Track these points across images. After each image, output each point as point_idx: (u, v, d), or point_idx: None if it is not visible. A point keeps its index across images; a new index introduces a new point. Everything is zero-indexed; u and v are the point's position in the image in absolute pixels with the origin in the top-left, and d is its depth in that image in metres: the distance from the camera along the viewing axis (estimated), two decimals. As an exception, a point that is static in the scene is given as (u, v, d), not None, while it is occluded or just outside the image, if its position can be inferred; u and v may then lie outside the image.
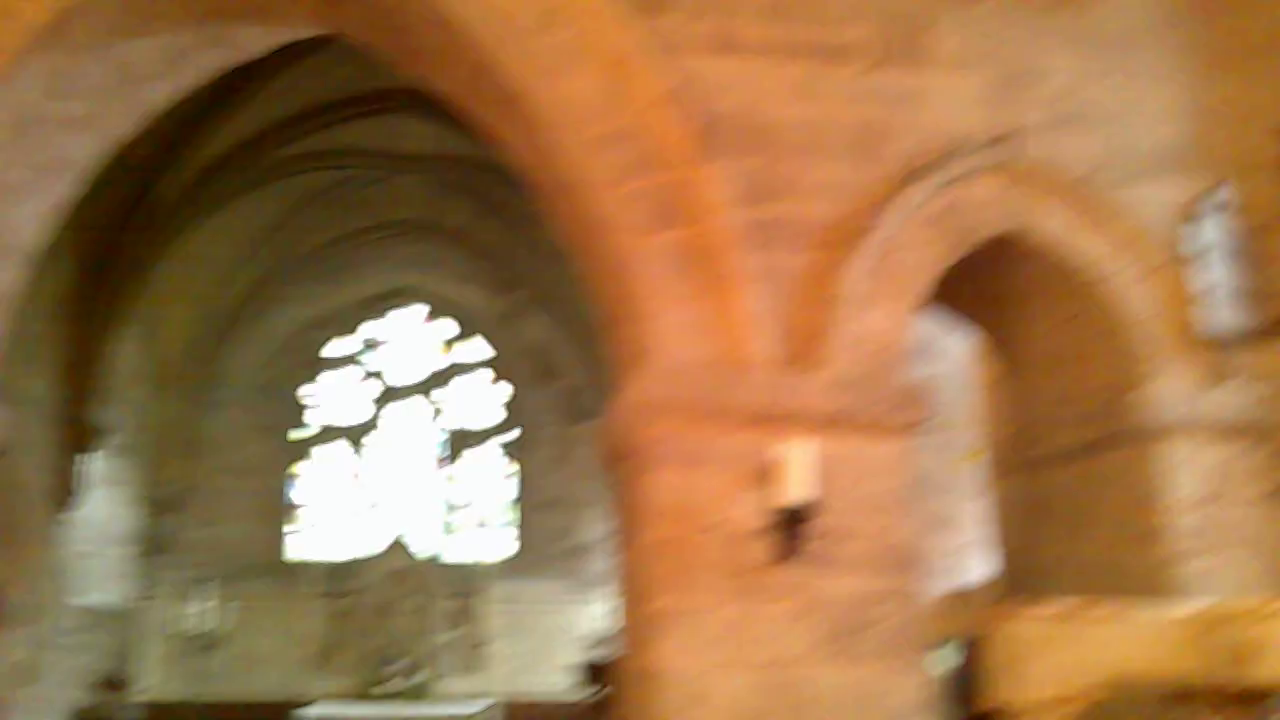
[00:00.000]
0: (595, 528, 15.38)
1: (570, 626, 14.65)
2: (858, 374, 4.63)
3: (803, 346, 4.64)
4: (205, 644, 13.13)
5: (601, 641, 13.76)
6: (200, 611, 13.34)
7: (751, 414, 4.55)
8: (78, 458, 11.51)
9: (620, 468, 5.30)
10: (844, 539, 4.58)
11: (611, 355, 5.32)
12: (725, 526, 4.56)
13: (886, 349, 4.68)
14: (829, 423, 4.57)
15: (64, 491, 11.33)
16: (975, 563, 9.33)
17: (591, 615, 14.04)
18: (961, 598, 8.31)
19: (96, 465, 13.39)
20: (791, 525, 4.47)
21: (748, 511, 4.55)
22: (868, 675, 4.56)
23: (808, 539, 4.50)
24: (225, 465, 15.13)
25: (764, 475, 4.51)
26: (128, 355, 13.37)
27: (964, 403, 8.58)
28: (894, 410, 4.65)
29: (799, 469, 4.40)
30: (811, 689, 4.52)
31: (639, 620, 4.82)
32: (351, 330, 16.25)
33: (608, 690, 9.41)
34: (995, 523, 6.79)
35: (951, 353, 8.71)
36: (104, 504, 13.60)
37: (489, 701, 13.63)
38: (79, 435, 11.47)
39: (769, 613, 4.53)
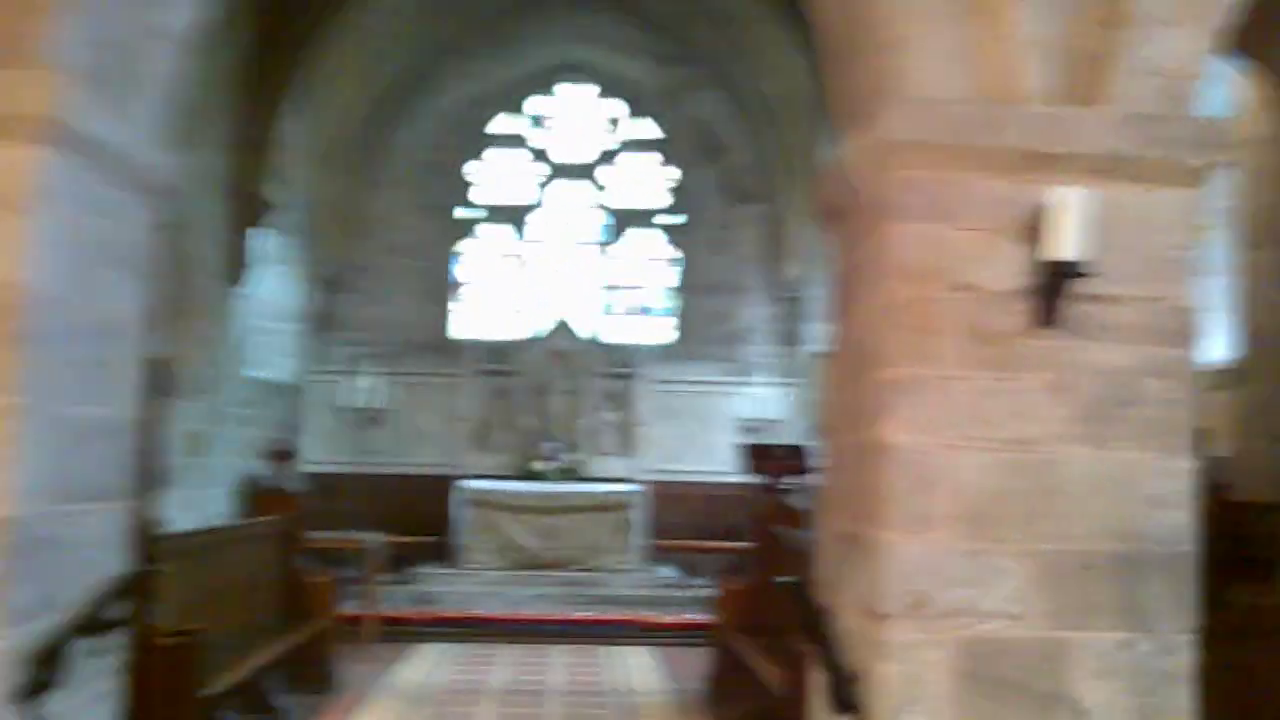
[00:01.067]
0: (754, 313, 14.88)
1: (726, 412, 14.37)
2: (1148, 109, 3.86)
3: (1084, 76, 3.87)
4: (369, 418, 13.20)
5: (759, 427, 13.43)
6: (365, 387, 13.39)
7: (1019, 156, 3.82)
8: (248, 233, 11.35)
9: (849, 221, 4.64)
10: (1116, 303, 3.91)
11: (844, 91, 4.57)
12: (978, 286, 3.91)
13: (1183, 80, 3.89)
14: (1109, 167, 3.83)
15: (235, 266, 11.22)
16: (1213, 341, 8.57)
17: (749, 401, 13.69)
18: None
19: (266, 242, 13.34)
20: (1056, 286, 3.82)
21: (1006, 270, 3.88)
22: (1129, 459, 3.95)
23: (1074, 302, 3.85)
24: (391, 244, 14.92)
25: (1028, 228, 3.82)
26: (296, 134, 13.03)
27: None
28: (1187, 152, 3.88)
29: (1071, 220, 3.71)
30: (1063, 471, 3.93)
31: (863, 392, 4.26)
32: (518, 107, 15.64)
33: (767, 476, 9.04)
34: (1243, 298, 5.98)
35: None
36: (274, 281, 13.56)
37: (638, 485, 13.52)
38: (249, 211, 11.28)
39: (1021, 385, 3.92)
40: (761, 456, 9.10)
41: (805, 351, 14.27)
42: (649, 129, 15.54)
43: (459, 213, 15.41)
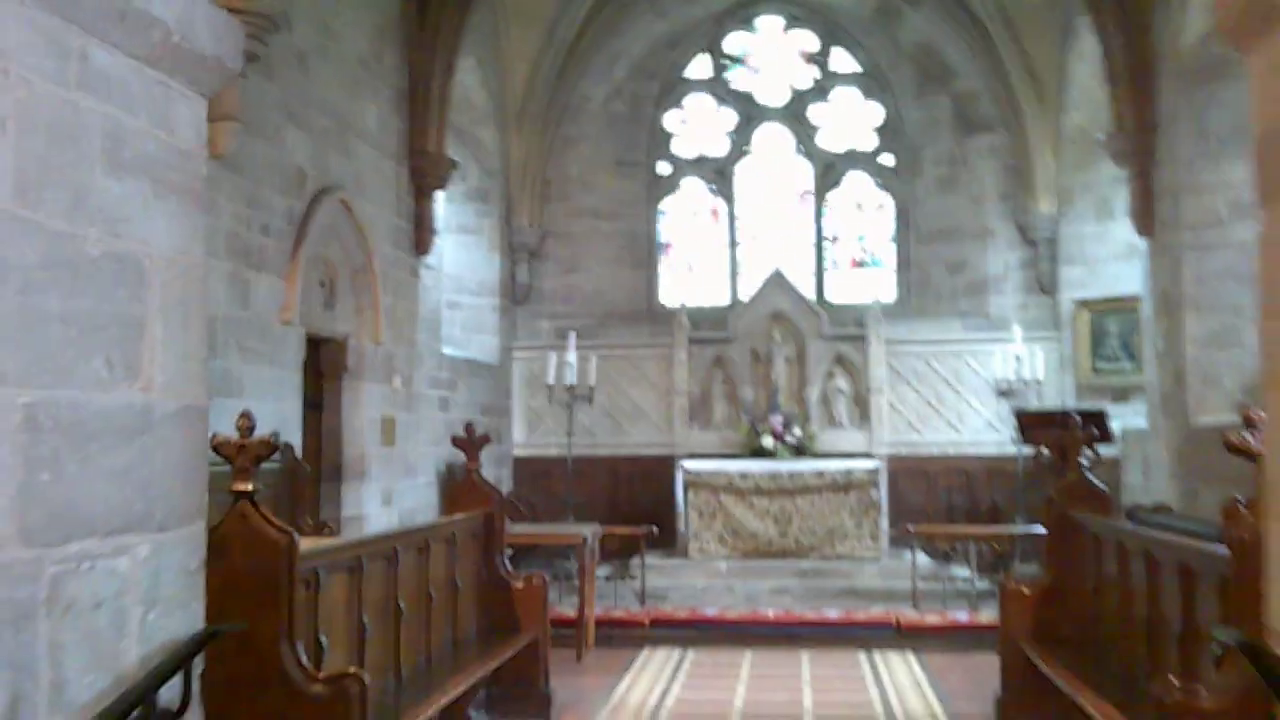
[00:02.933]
0: (1000, 259, 12.91)
1: (975, 374, 12.50)
2: None
3: None
4: (578, 397, 11.92)
5: (1016, 389, 11.52)
6: (572, 362, 12.11)
7: None
8: (429, 196, 10.18)
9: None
10: None
11: None
12: None
13: None
14: None
15: (420, 234, 10.06)
16: None
17: (1001, 360, 11.78)
18: None
19: (449, 208, 12.21)
20: None
21: None
22: None
23: None
24: (583, 206, 13.62)
25: None
26: (467, 88, 11.86)
27: None
28: None
29: None
30: None
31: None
32: (710, 47, 14.06)
33: (1051, 450, 7.29)
34: None
35: None
36: (465, 252, 12.44)
37: (877, 459, 11.80)
38: (430, 173, 10.10)
39: None
40: (1042, 425, 7.34)
41: (1066, 299, 12.25)
42: (852, 61, 13.73)
43: (660, 168, 13.98)
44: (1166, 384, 9.00)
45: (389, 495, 9.19)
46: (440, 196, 10.47)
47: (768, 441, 12.03)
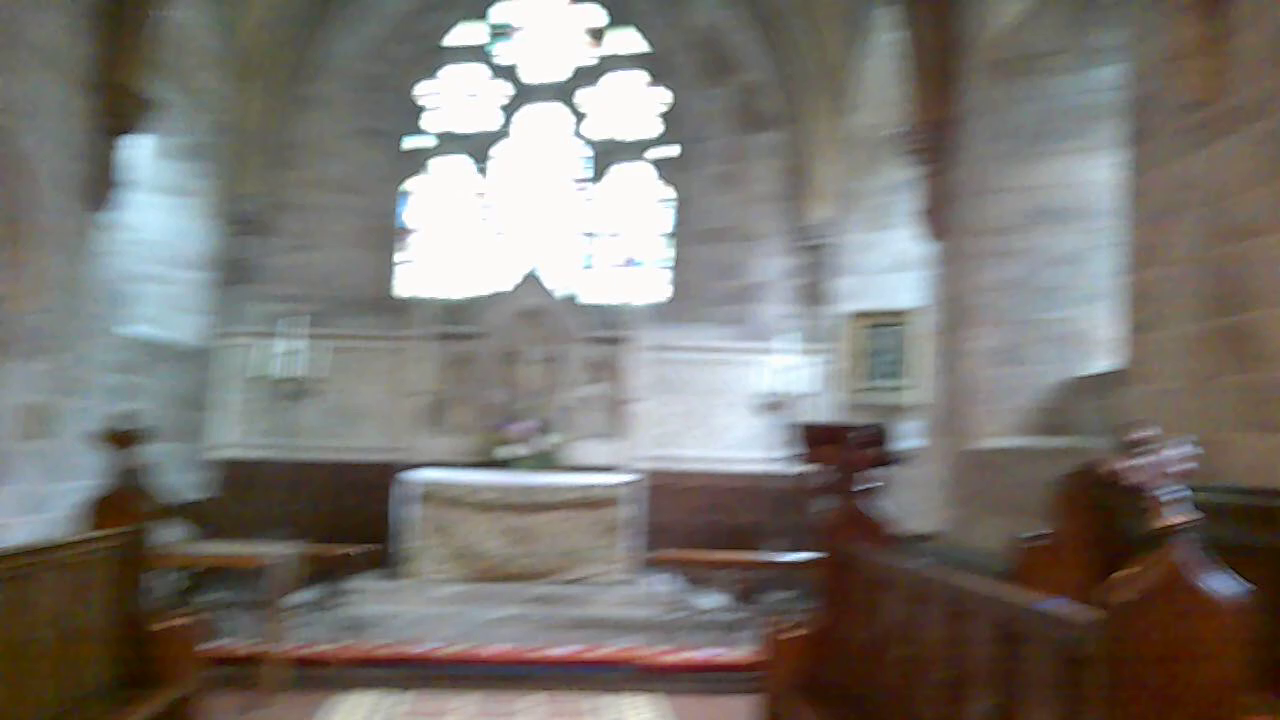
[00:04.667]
0: (771, 265, 11.96)
1: (738, 385, 11.48)
2: None
3: None
4: (295, 392, 10.24)
5: (781, 403, 10.57)
6: (290, 354, 10.38)
7: None
8: (118, 141, 8.30)
9: None
10: None
11: None
12: None
13: None
14: None
15: (99, 185, 8.18)
16: None
17: (766, 372, 10.80)
18: None
19: (159, 163, 10.32)
20: None
21: None
22: None
23: None
24: (323, 178, 11.85)
25: None
26: (191, 26, 10.03)
27: None
28: None
29: None
30: None
31: None
32: (479, 14, 12.60)
33: (832, 469, 6.22)
34: None
35: None
36: (171, 215, 10.55)
37: (629, 475, 10.61)
38: (119, 111, 8.22)
39: None
40: (823, 442, 6.27)
41: (837, 311, 11.40)
42: (635, 41, 12.58)
43: (409, 142, 12.40)
44: (946, 402, 8.16)
45: (38, 501, 7.30)
46: (137, 144, 8.60)
47: (510, 451, 10.64)
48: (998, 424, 7.57)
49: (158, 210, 10.24)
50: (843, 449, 5.76)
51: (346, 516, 10.73)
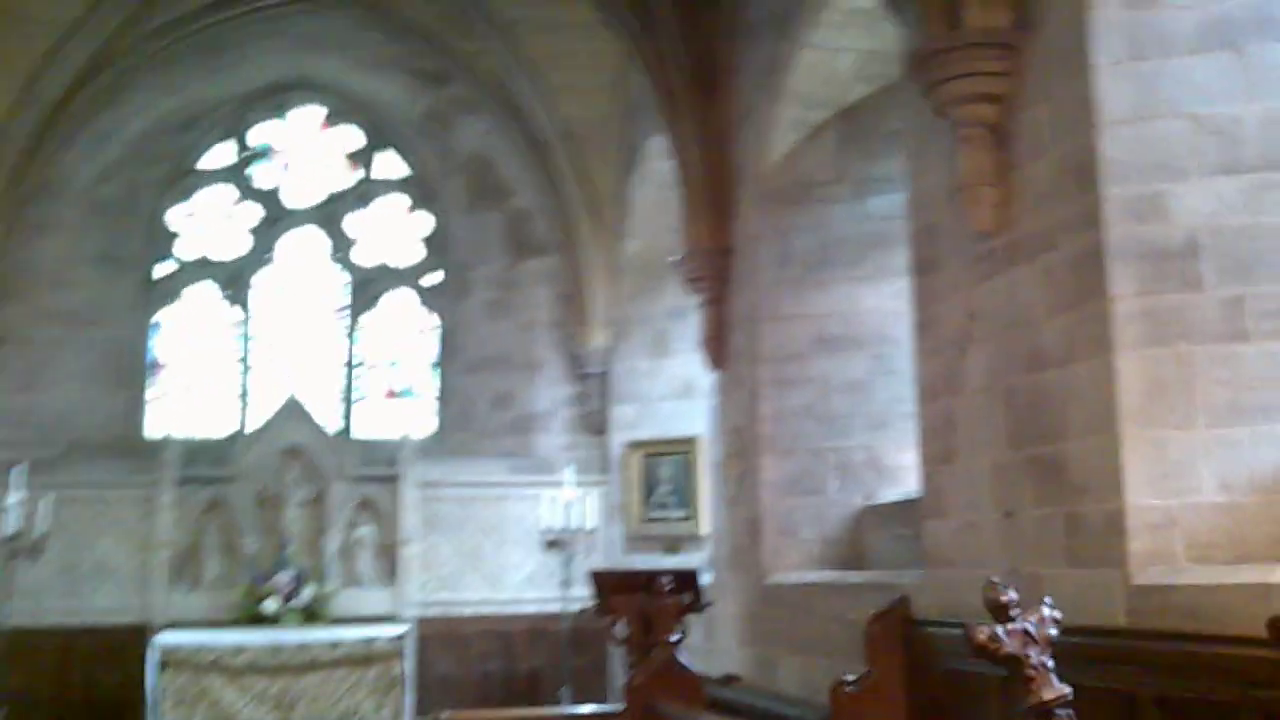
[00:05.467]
0: (550, 394, 11.58)
1: (520, 521, 10.95)
2: None
3: None
4: (22, 549, 9.02)
5: (566, 539, 10.12)
6: (16, 505, 9.15)
7: None
8: None
9: None
10: None
11: None
12: None
13: None
14: None
15: None
16: None
17: (549, 506, 10.33)
18: None
19: None
20: None
21: None
22: None
23: None
24: (55, 309, 10.73)
25: None
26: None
27: None
28: None
29: None
30: None
31: None
32: (231, 134, 11.82)
33: (631, 621, 5.81)
34: None
35: None
36: None
37: (405, 624, 9.87)
38: None
39: None
40: (621, 590, 5.80)
41: (617, 441, 11.09)
42: (397, 165, 12.15)
43: (158, 269, 11.49)
44: (737, 535, 7.88)
45: None
46: None
47: (272, 605, 9.71)
48: (793, 557, 7.33)
49: None
50: (648, 598, 5.35)
51: (82, 691, 9.55)
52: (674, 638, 5.34)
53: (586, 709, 8.00)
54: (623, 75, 10.59)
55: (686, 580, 5.69)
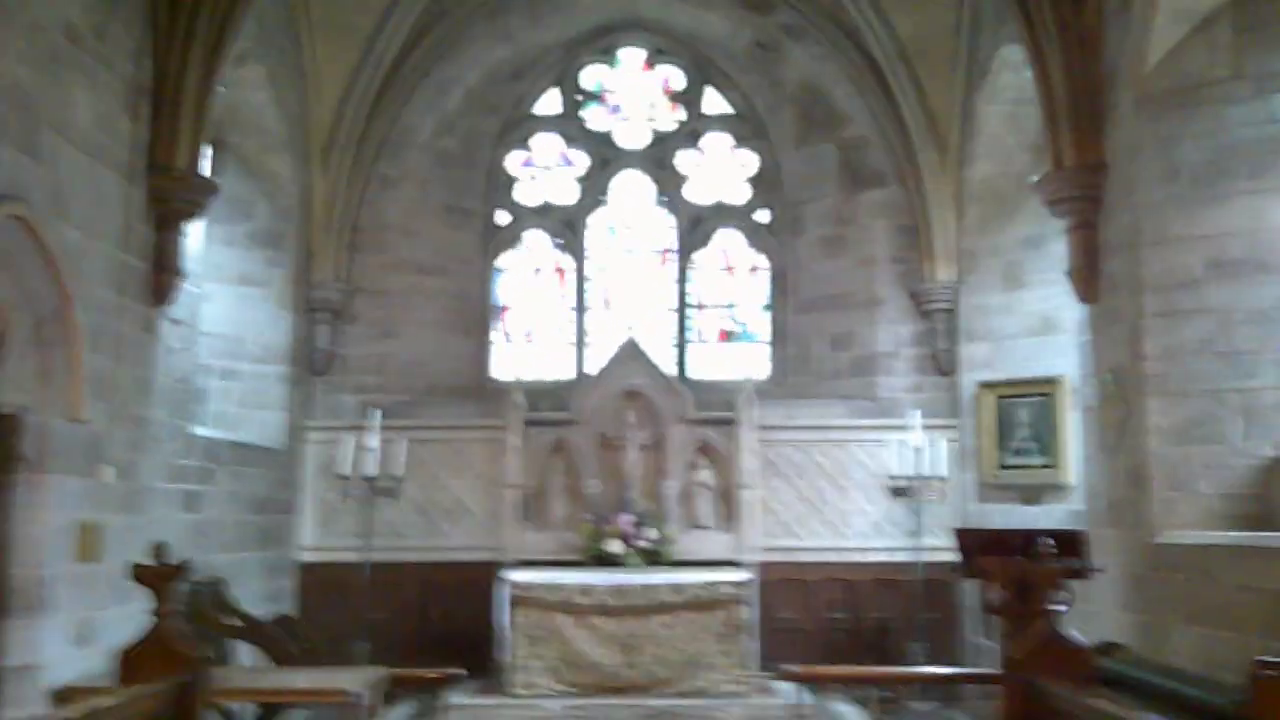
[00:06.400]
0: (892, 333, 10.89)
1: (858, 467, 10.42)
2: None
3: None
4: (381, 490, 9.44)
5: (914, 487, 9.49)
6: (374, 448, 9.57)
7: None
8: (176, 229, 7.61)
9: None
10: None
11: None
12: None
13: None
14: None
15: (158, 276, 7.49)
16: None
17: (895, 451, 9.70)
18: None
19: (227, 252, 9.72)
20: None
21: None
22: None
23: None
24: (404, 260, 11.09)
25: None
26: (257, 107, 9.44)
27: None
28: None
29: None
30: None
31: None
32: (562, 80, 11.78)
33: (1006, 585, 5.17)
34: None
35: None
36: (244, 307, 9.91)
37: (748, 570, 9.55)
38: (166, 196, 7.49)
39: None
40: (992, 548, 5.15)
41: (967, 381, 10.28)
42: (724, 102, 11.72)
43: (498, 217, 11.67)
44: (1118, 488, 6.98)
45: (87, 631, 6.48)
46: (195, 230, 7.93)
47: (616, 547, 9.65)
48: (1187, 513, 6.40)
49: (226, 301, 9.59)
50: (1027, 562, 4.70)
51: (441, 622, 9.93)
52: (1057, 607, 4.66)
53: (955, 671, 7.40)
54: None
55: (1070, 542, 4.97)
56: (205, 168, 7.77)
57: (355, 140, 10.58)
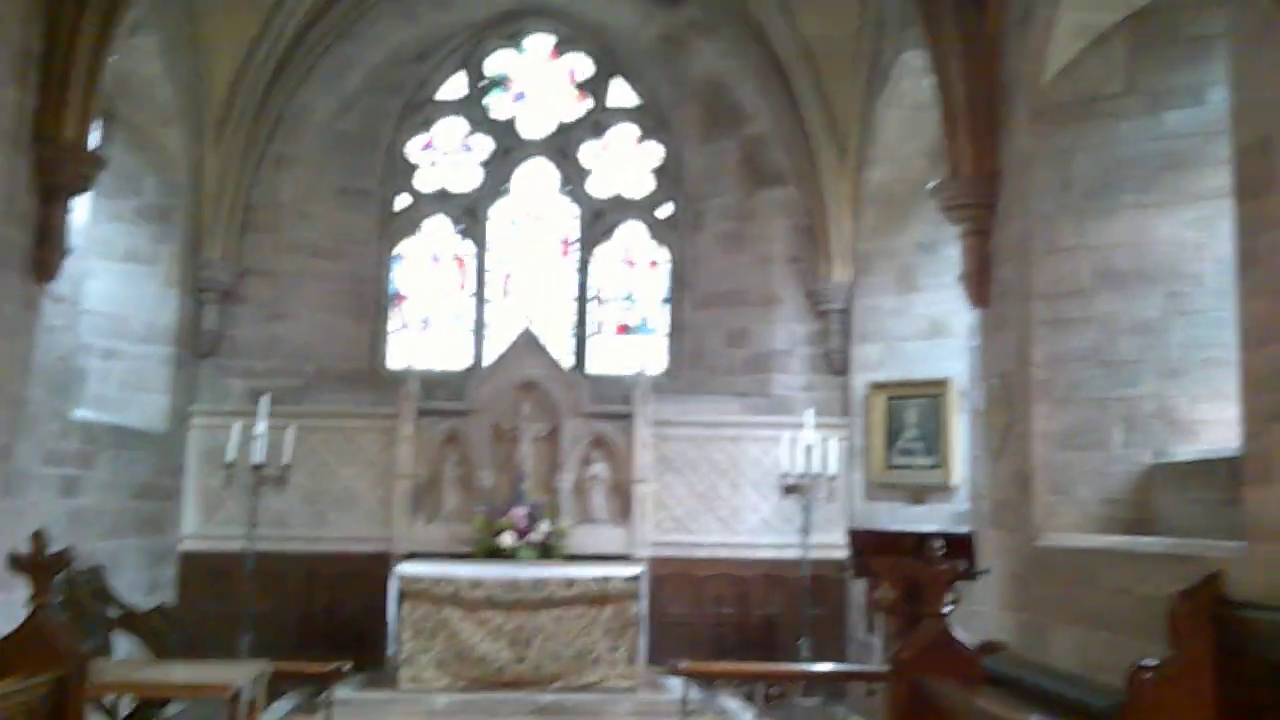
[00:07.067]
0: (788, 331, 11.02)
1: (750, 464, 10.52)
2: None
3: None
4: (268, 478, 9.22)
5: (803, 484, 9.61)
6: (261, 435, 9.34)
7: None
8: (62, 204, 7.33)
9: None
10: None
11: None
12: None
13: None
14: None
15: (42, 251, 7.21)
16: None
17: (787, 448, 9.81)
18: None
19: (112, 227, 9.39)
20: None
21: None
22: None
23: None
24: (298, 241, 10.83)
25: None
26: (148, 77, 9.14)
27: None
28: None
29: None
30: None
31: None
32: (466, 64, 11.63)
33: (897, 586, 5.27)
34: None
35: None
36: (128, 284, 9.59)
37: (639, 564, 9.60)
38: (53, 168, 7.22)
39: None
40: (884, 549, 5.25)
41: (859, 382, 10.45)
42: (628, 94, 11.72)
43: (398, 201, 11.48)
44: (1002, 490, 7.18)
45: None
46: (81, 205, 7.64)
47: (508, 539, 9.62)
48: (1068, 517, 6.60)
49: (110, 279, 9.27)
50: (916, 563, 4.79)
51: (326, 615, 9.77)
52: (946, 609, 4.76)
53: (843, 669, 7.52)
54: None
55: (959, 544, 5.08)
56: (94, 140, 7.48)
57: (250, 116, 10.32)
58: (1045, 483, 6.71)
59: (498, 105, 11.70)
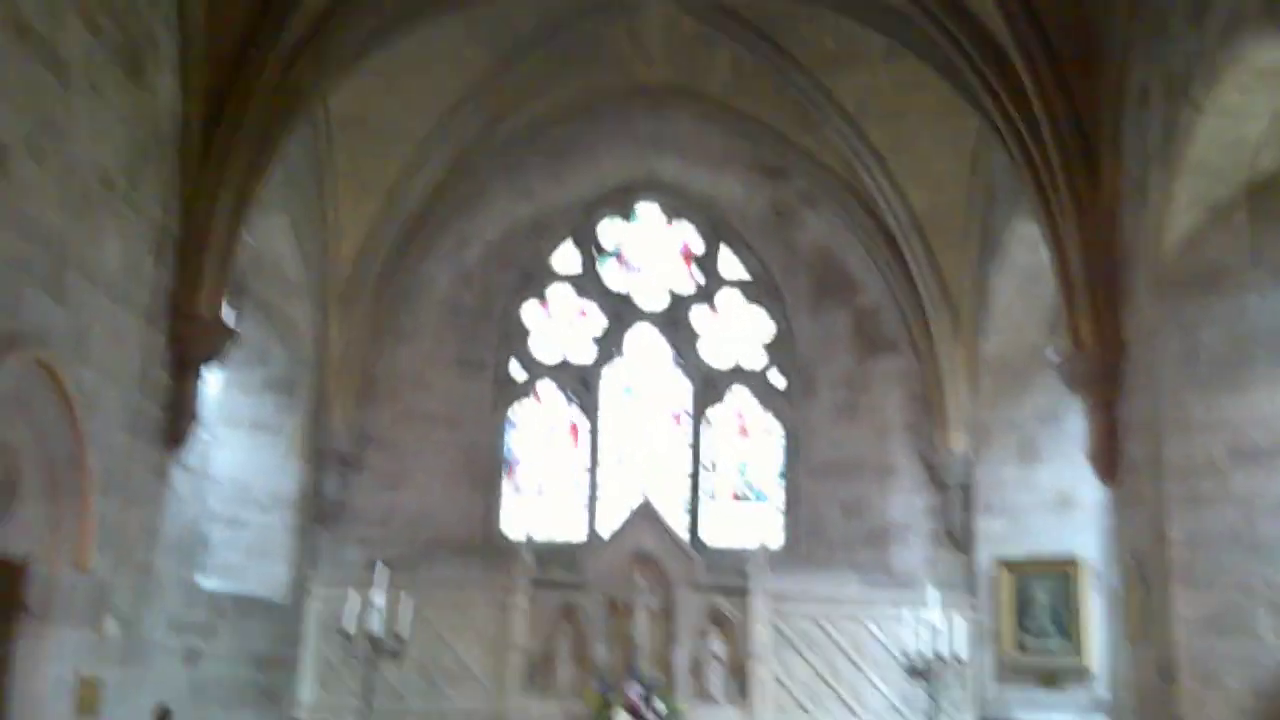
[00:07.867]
0: (901, 502, 10.83)
1: (873, 643, 10.21)
2: None
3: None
4: (384, 648, 9.25)
5: (930, 669, 9.28)
6: (379, 605, 9.41)
7: None
8: (193, 374, 7.65)
9: None
10: None
11: None
12: None
13: None
14: None
15: (173, 421, 7.50)
16: None
17: (911, 628, 9.51)
18: None
19: (242, 398, 9.77)
20: None
21: None
22: None
23: None
24: (414, 410, 11.18)
25: None
26: (278, 254, 9.63)
27: None
28: None
29: None
30: None
31: None
32: (580, 236, 11.99)
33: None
34: None
35: None
36: (254, 453, 9.91)
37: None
38: (186, 341, 7.56)
39: None
40: None
41: (984, 557, 10.17)
42: (739, 264, 11.92)
43: (512, 370, 11.74)
44: (1145, 678, 6.85)
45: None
46: (213, 377, 7.99)
47: (622, 718, 9.45)
48: (1219, 710, 6.25)
49: (237, 447, 9.61)
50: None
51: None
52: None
53: None
54: (977, 159, 9.98)
55: None
56: (227, 314, 7.87)
57: (373, 290, 10.77)
58: (1191, 671, 6.38)
59: (612, 275, 11.98)
